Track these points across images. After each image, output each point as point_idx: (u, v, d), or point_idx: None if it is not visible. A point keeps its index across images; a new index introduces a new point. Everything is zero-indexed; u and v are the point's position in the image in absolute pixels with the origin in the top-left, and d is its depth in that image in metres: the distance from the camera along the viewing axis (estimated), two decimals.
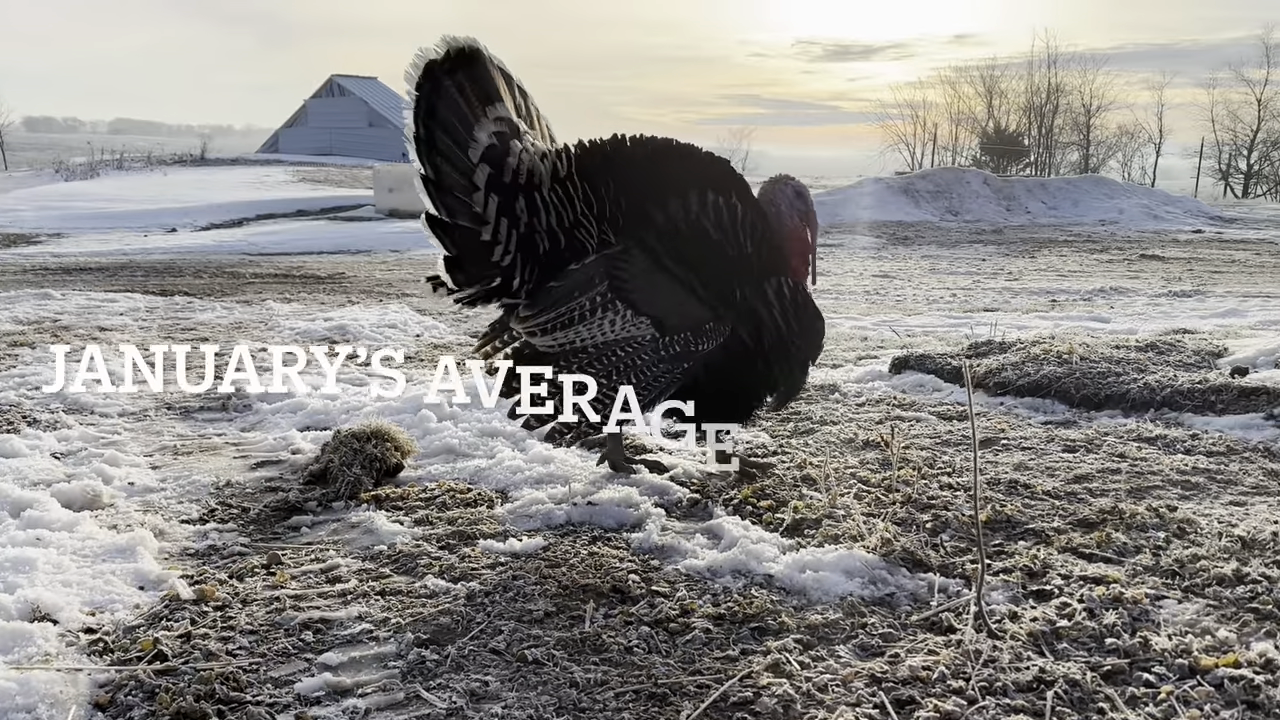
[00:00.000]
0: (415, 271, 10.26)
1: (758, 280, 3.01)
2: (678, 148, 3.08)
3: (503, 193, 2.97)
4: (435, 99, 2.97)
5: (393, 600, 2.29)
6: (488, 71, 3.07)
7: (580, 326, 2.96)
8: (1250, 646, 2.03)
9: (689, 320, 2.98)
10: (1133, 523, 2.74)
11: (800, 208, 3.11)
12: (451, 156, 2.97)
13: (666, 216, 2.96)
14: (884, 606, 2.30)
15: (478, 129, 2.99)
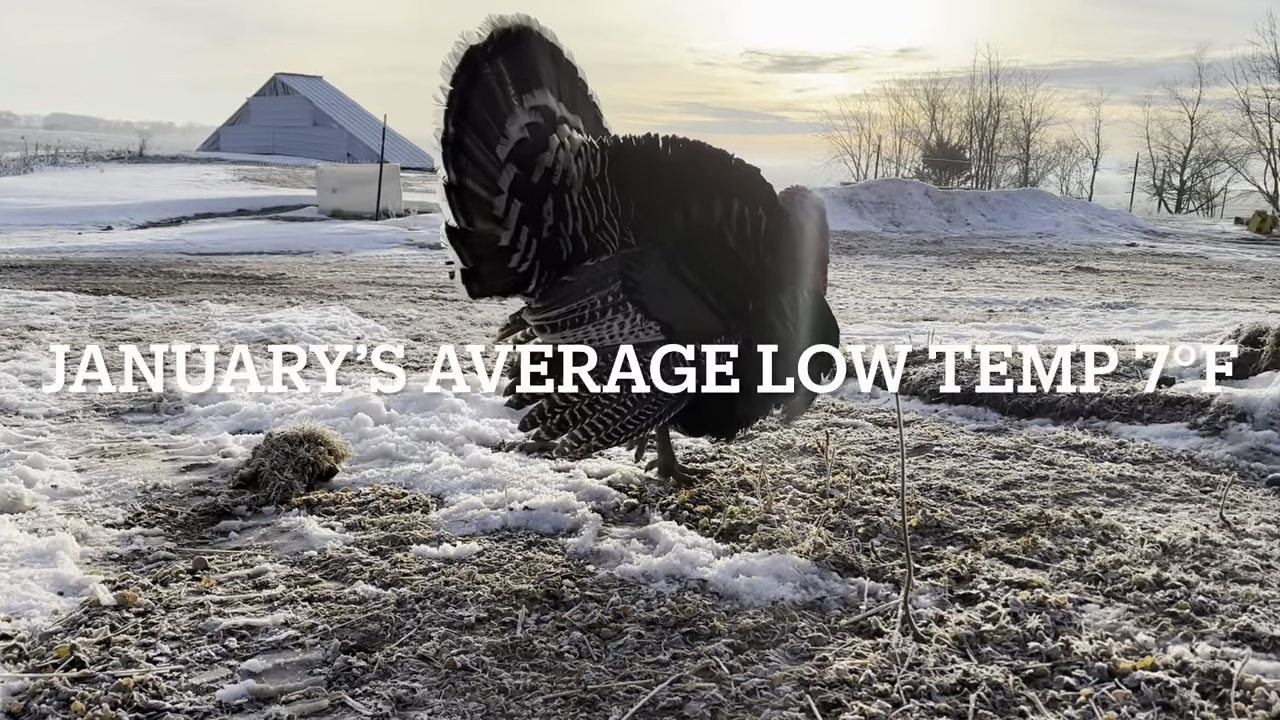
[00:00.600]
0: (358, 273, 10.15)
1: (774, 293, 2.95)
2: (709, 152, 3.03)
3: (528, 196, 2.93)
4: (470, 92, 2.88)
5: (321, 606, 2.26)
6: (533, 52, 2.99)
7: (589, 326, 2.91)
8: (1167, 650, 2.09)
9: (699, 330, 2.91)
10: (1059, 529, 2.80)
11: (816, 220, 3.06)
12: (478, 159, 2.90)
13: (687, 222, 2.92)
14: (815, 610, 2.32)
15: (510, 122, 2.91)
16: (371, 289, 8.74)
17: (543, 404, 2.93)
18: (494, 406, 4.00)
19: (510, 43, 2.93)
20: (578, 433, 2.89)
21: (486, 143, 2.89)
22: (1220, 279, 12.10)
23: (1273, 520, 2.95)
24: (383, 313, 7.13)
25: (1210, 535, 2.76)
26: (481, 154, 2.89)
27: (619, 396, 2.90)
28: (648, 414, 2.92)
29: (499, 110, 2.90)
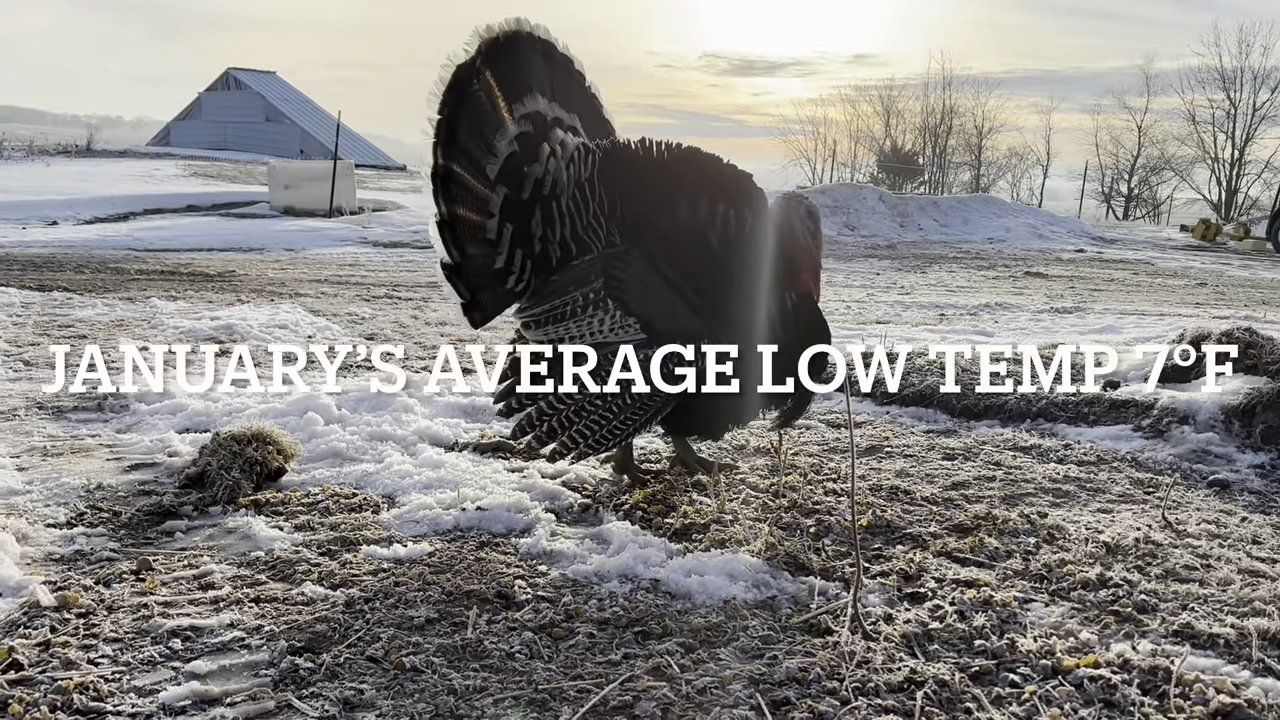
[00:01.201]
0: (310, 271, 10.02)
1: (760, 294, 2.95)
2: (699, 156, 3.04)
3: (519, 216, 2.96)
4: (458, 116, 2.89)
5: (268, 607, 2.22)
6: (523, 57, 2.99)
7: (570, 322, 2.92)
8: (1110, 648, 2.13)
9: (679, 329, 2.90)
10: (1005, 528, 2.84)
11: (810, 226, 3.06)
12: (468, 185, 2.92)
13: (672, 222, 2.92)
14: (766, 609, 2.33)
15: (499, 137, 2.93)
16: (324, 287, 8.64)
17: (531, 412, 2.95)
18: (448, 406, 3.97)
19: (498, 52, 2.94)
20: (565, 439, 2.91)
21: (476, 166, 2.92)
22: (1165, 285, 12.36)
23: (1213, 521, 3.02)
24: (335, 311, 7.05)
25: (1153, 535, 2.82)
26: (471, 179, 2.92)
27: (604, 403, 2.90)
28: (634, 419, 2.93)
29: (488, 127, 2.92)
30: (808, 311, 3.03)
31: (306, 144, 40.51)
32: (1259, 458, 3.71)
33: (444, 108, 2.88)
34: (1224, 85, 41.96)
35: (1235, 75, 41.69)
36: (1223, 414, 3.93)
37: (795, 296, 3.00)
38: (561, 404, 2.94)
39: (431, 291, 8.71)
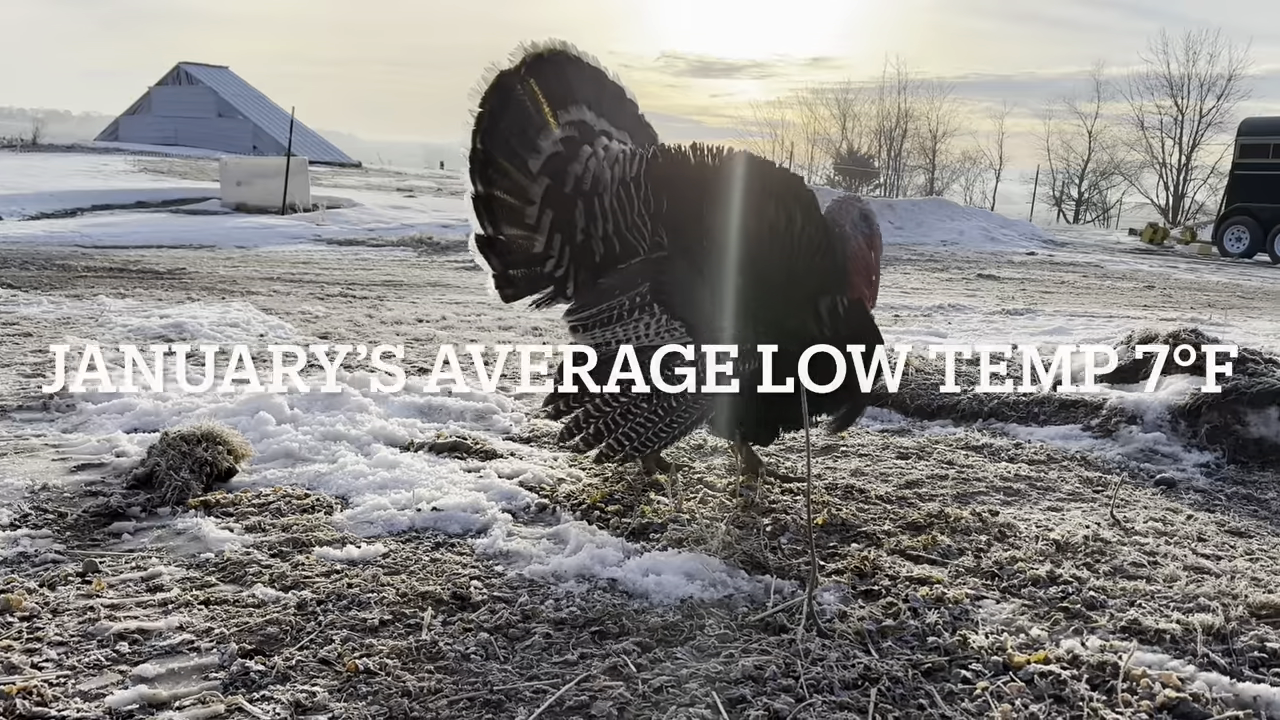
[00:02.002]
0: (262, 269, 9.88)
1: (809, 297, 2.92)
2: (749, 159, 3.04)
3: (560, 205, 3.03)
4: (501, 112, 3.02)
5: (217, 610, 2.19)
6: (570, 73, 3.11)
7: (616, 326, 2.95)
8: (1060, 644, 2.16)
9: (725, 334, 2.88)
10: (957, 526, 2.88)
11: (865, 230, 2.99)
12: (508, 172, 3.03)
13: (719, 224, 2.91)
14: (722, 608, 2.33)
15: (543, 137, 3.03)
16: (276, 285, 8.53)
17: (578, 414, 2.97)
18: (403, 406, 3.94)
19: (543, 64, 3.06)
20: (612, 441, 2.93)
21: (517, 157, 3.03)
22: (1114, 287, 12.60)
23: (1159, 519, 3.08)
24: (287, 309, 6.95)
25: (1101, 533, 2.87)
26: (512, 167, 3.04)
27: (650, 406, 2.91)
28: (679, 421, 2.92)
29: (531, 127, 3.04)
30: (858, 316, 2.97)
31: (260, 140, 39.98)
32: (1204, 457, 3.79)
33: (485, 102, 3.03)
34: (1172, 92, 42.93)
35: (1183, 82, 42.66)
36: (1169, 414, 4.01)
37: (846, 301, 2.95)
38: (608, 406, 2.95)
39: (387, 290, 8.63)
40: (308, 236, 13.91)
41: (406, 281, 9.51)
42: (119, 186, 19.34)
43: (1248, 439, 3.85)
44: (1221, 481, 3.56)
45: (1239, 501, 3.35)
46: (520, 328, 6.70)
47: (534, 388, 4.66)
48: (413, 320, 6.83)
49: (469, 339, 6.10)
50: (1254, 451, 3.81)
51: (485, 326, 6.72)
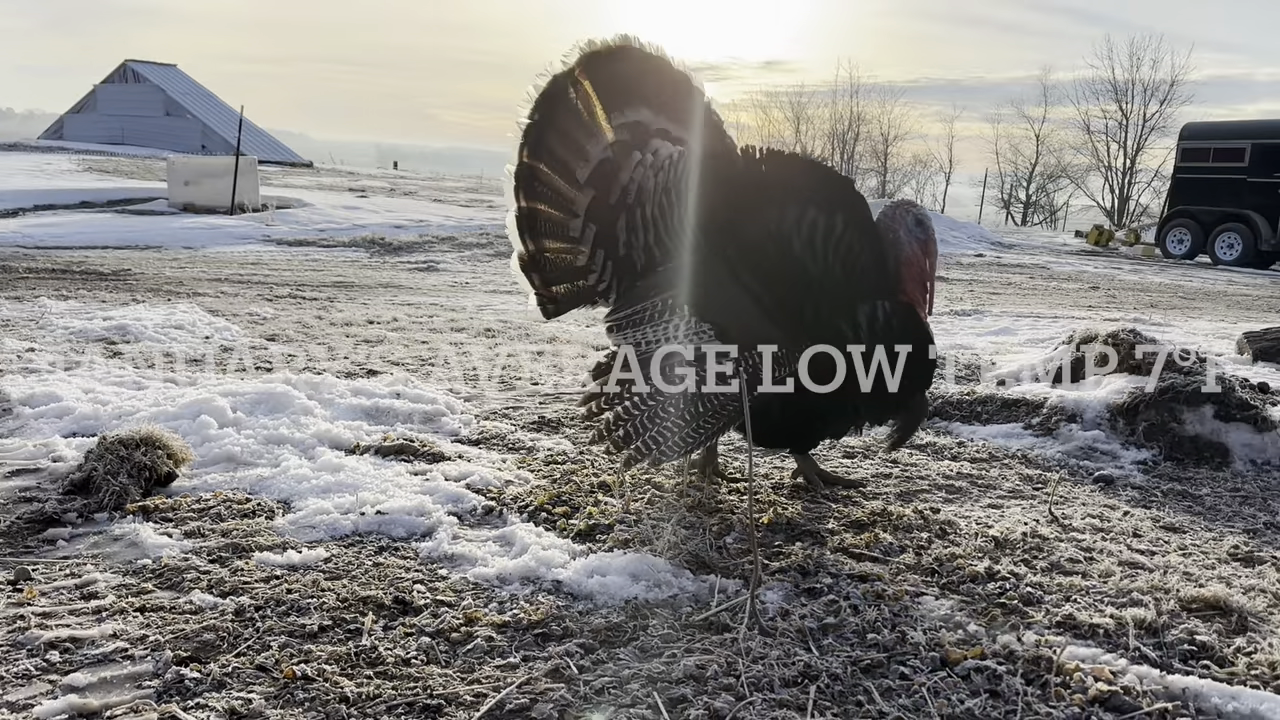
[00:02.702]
0: (210, 270, 9.73)
1: (849, 302, 2.86)
2: (797, 160, 3.01)
3: (604, 218, 3.03)
4: (550, 120, 3.00)
5: (153, 617, 2.15)
6: (629, 69, 3.06)
7: (647, 327, 2.93)
8: (996, 639, 2.19)
9: (753, 335, 2.84)
10: (900, 524, 2.92)
11: (920, 235, 2.95)
12: (554, 184, 3.03)
13: (756, 227, 2.88)
14: (667, 608, 2.34)
15: (593, 144, 3.02)
16: (224, 286, 8.40)
17: (609, 416, 2.93)
18: (349, 408, 3.90)
19: (601, 64, 3.02)
20: (640, 444, 2.87)
21: (565, 167, 3.02)
22: (1060, 288, 12.82)
23: (1097, 515, 3.14)
24: (235, 311, 6.85)
25: (1039, 530, 2.92)
26: (558, 178, 3.04)
27: (678, 409, 2.88)
28: (709, 425, 2.87)
29: (581, 133, 3.01)
30: (903, 322, 2.90)
31: (209, 139, 39.38)
32: (1142, 454, 3.88)
33: (535, 112, 3.01)
34: (1116, 96, 43.79)
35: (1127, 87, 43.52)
36: (1108, 412, 4.09)
37: (889, 306, 2.89)
38: (637, 409, 2.91)
39: (338, 291, 8.54)
40: (257, 237, 13.72)
41: (358, 283, 9.42)
42: (63, 186, 18.93)
43: (1183, 436, 3.94)
44: (1158, 478, 3.64)
45: (1174, 498, 3.42)
46: (473, 329, 6.67)
47: (485, 390, 4.65)
48: (363, 322, 6.77)
49: (421, 340, 6.06)
50: (1189, 449, 3.90)
51: (437, 328, 6.67)
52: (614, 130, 3.04)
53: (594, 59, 3.03)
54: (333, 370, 4.75)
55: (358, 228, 15.29)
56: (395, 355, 5.45)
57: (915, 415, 3.08)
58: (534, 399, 4.53)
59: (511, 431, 3.88)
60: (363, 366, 5.01)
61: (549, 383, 4.90)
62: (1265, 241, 21.80)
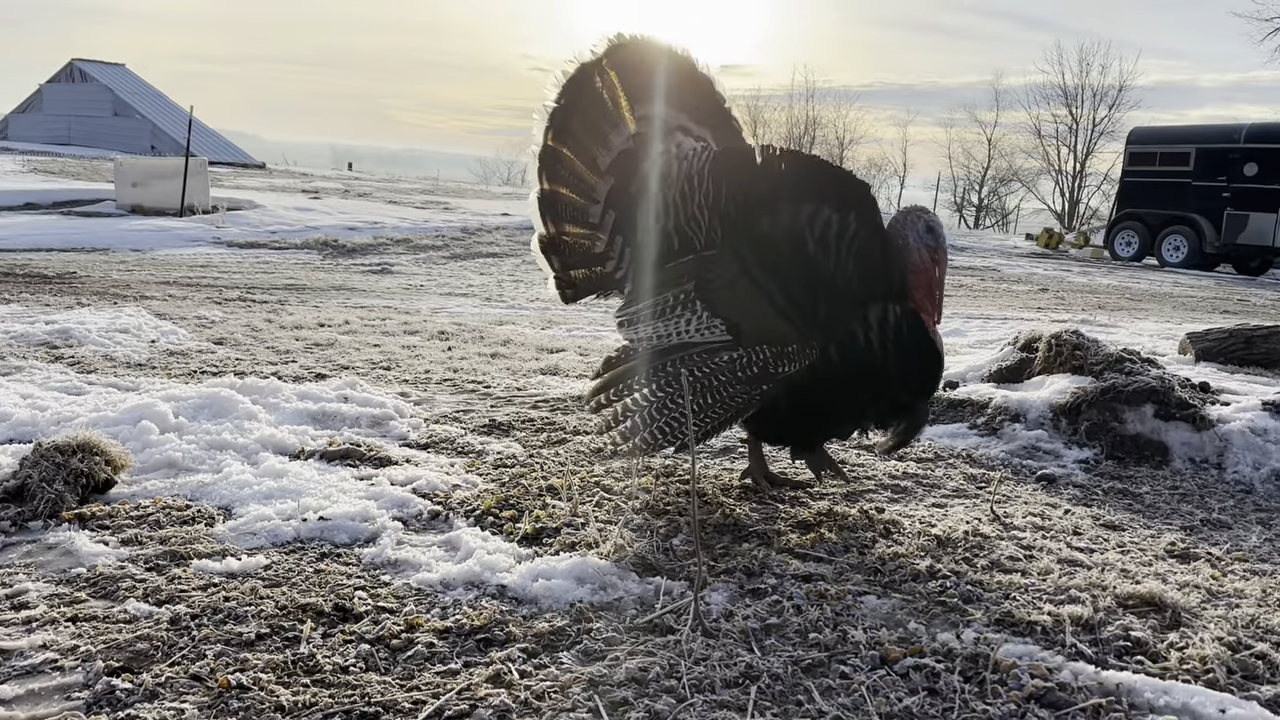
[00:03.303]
0: (158, 272, 9.57)
1: (859, 302, 2.84)
2: (815, 162, 3.01)
3: (623, 205, 3.05)
4: (575, 106, 3.03)
5: (85, 627, 2.11)
6: (653, 67, 3.08)
7: (658, 321, 2.94)
8: (936, 637, 2.22)
9: (767, 333, 2.84)
10: (845, 524, 2.94)
11: (929, 242, 2.91)
12: (577, 168, 3.05)
13: (771, 223, 2.88)
14: (611, 611, 2.34)
15: (615, 134, 3.04)
16: (172, 289, 8.27)
17: (616, 408, 2.95)
18: (295, 413, 3.85)
19: (627, 55, 3.06)
20: (646, 435, 2.90)
21: (587, 153, 3.05)
22: (1010, 290, 13.01)
23: (1038, 513, 3.19)
24: (183, 314, 6.75)
25: (981, 528, 2.96)
26: (579, 163, 3.06)
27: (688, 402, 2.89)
28: (716, 416, 2.89)
29: (605, 122, 3.04)
30: (911, 328, 2.87)
31: (158, 140, 38.76)
32: (1084, 453, 3.94)
33: (562, 97, 3.05)
34: (1066, 101, 44.58)
35: (1077, 92, 44.32)
36: (1051, 412, 4.16)
37: (899, 311, 2.87)
38: (645, 401, 2.93)
39: (289, 294, 8.44)
40: (206, 239, 13.53)
41: (309, 285, 9.32)
42: (6, 187, 18.51)
43: (1125, 435, 4.01)
44: (1099, 477, 3.71)
45: (1115, 496, 3.49)
46: (426, 332, 6.62)
47: (436, 393, 4.62)
48: (314, 325, 6.70)
49: (372, 344, 6.00)
50: (1130, 447, 3.97)
51: (390, 331, 6.62)
52: (637, 122, 3.09)
53: (621, 51, 3.08)
54: (281, 374, 4.69)
55: (310, 229, 15.13)
56: (345, 359, 5.40)
57: (918, 420, 3.07)
58: (486, 402, 4.51)
59: (461, 435, 3.85)
60: (311, 370, 4.95)
61: (501, 386, 4.87)
62: (1210, 244, 22.28)
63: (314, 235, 14.47)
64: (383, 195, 23.02)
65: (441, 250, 14.19)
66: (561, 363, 5.68)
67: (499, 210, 20.16)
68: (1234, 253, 22.54)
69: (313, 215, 17.08)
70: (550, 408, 4.44)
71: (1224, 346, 6.25)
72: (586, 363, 5.74)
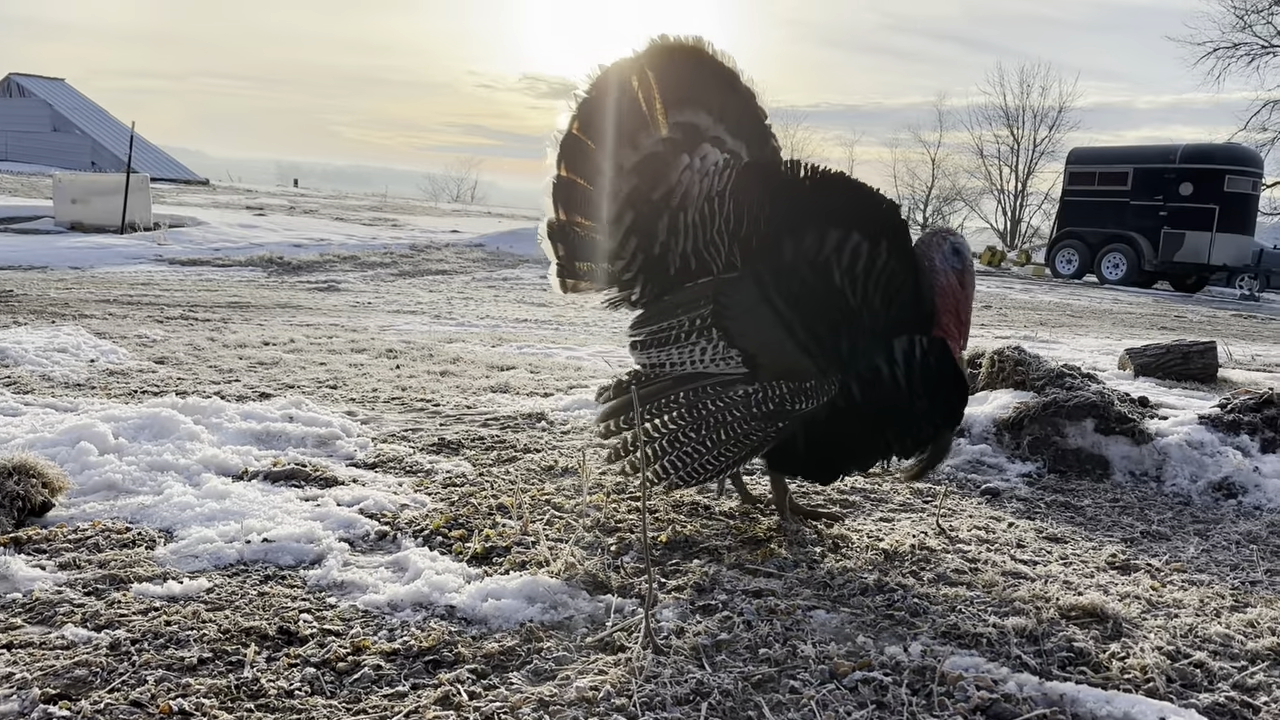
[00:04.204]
0: (98, 290, 9.37)
1: (884, 335, 2.75)
2: (844, 181, 2.90)
3: (643, 209, 2.98)
4: (605, 100, 2.98)
5: (21, 653, 2.05)
6: (693, 73, 3.02)
7: (673, 348, 2.87)
8: (884, 651, 2.23)
9: (784, 367, 2.76)
10: (795, 539, 2.96)
11: (956, 265, 2.85)
12: (598, 161, 3.00)
13: (795, 250, 2.78)
14: (562, 630, 2.33)
15: (645, 135, 2.98)
16: (112, 308, 8.10)
17: (626, 437, 2.89)
18: (238, 433, 3.79)
19: (667, 59, 3.00)
20: (658, 468, 2.85)
21: (612, 149, 2.99)
22: None
23: (983, 527, 3.24)
24: (123, 333, 6.61)
25: (928, 542, 2.99)
26: (603, 158, 3.00)
27: (698, 435, 2.83)
28: (730, 453, 2.83)
29: (635, 121, 2.99)
30: (939, 357, 2.79)
31: (99, 156, 38.06)
32: (1026, 467, 4.01)
33: (593, 90, 3.02)
34: (1008, 122, 45.60)
35: (1018, 113, 45.35)
36: (995, 427, 4.23)
37: (926, 341, 2.78)
38: (657, 432, 2.87)
39: (232, 312, 8.31)
40: (148, 256, 13.29)
41: (254, 303, 9.18)
42: None
43: (1066, 449, 4.09)
44: (1042, 490, 3.77)
45: (1057, 509, 3.55)
46: (374, 350, 6.56)
47: (384, 412, 4.57)
48: (258, 343, 6.60)
49: (318, 362, 5.93)
50: (1072, 461, 4.05)
51: (336, 349, 6.54)
52: (669, 127, 3.02)
53: (664, 53, 3.02)
54: (224, 393, 4.61)
55: (255, 246, 14.93)
56: (290, 377, 5.32)
57: (943, 448, 3.00)
58: (435, 420, 4.47)
59: (410, 454, 3.82)
60: (255, 389, 4.88)
61: (451, 404, 4.84)
62: (1148, 261, 22.84)
63: (258, 252, 14.28)
64: (329, 212, 22.81)
65: (390, 267, 14.08)
66: (512, 380, 5.66)
67: (448, 227, 20.08)
68: (1171, 270, 23.14)
69: (257, 232, 16.86)
70: (500, 425, 4.42)
71: (1162, 362, 6.42)
72: (537, 380, 5.73)
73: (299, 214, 21.64)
